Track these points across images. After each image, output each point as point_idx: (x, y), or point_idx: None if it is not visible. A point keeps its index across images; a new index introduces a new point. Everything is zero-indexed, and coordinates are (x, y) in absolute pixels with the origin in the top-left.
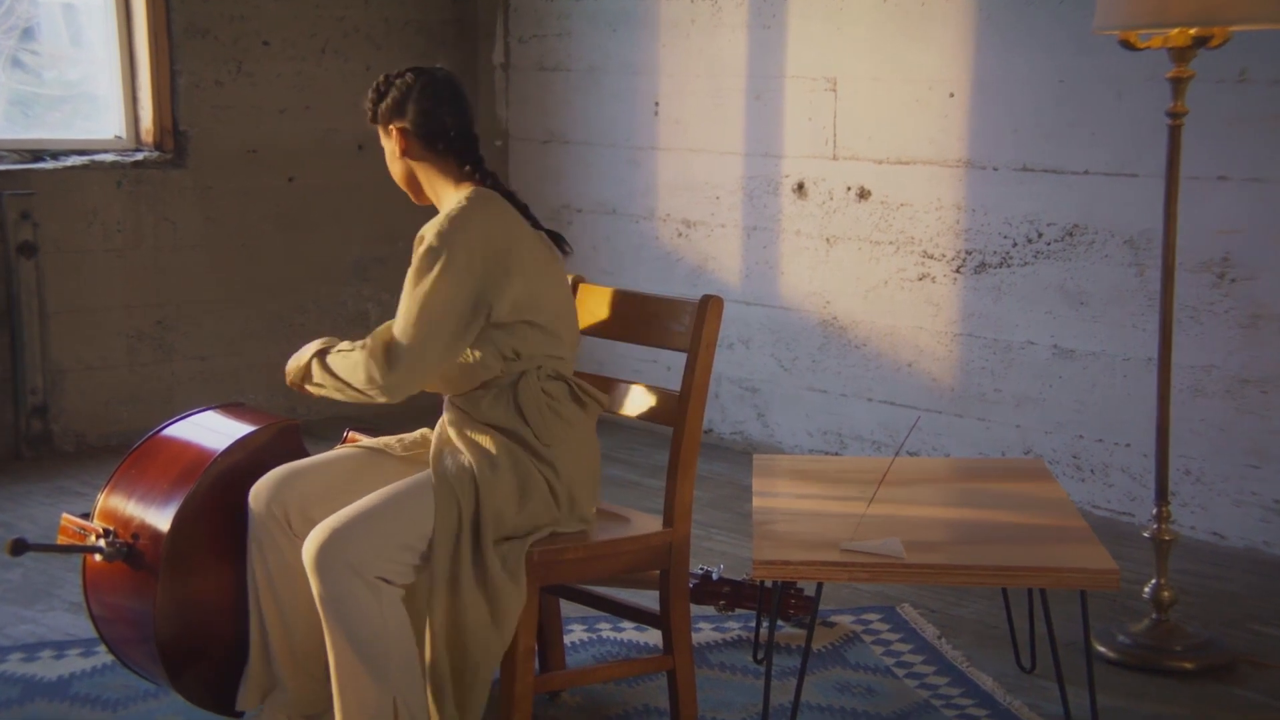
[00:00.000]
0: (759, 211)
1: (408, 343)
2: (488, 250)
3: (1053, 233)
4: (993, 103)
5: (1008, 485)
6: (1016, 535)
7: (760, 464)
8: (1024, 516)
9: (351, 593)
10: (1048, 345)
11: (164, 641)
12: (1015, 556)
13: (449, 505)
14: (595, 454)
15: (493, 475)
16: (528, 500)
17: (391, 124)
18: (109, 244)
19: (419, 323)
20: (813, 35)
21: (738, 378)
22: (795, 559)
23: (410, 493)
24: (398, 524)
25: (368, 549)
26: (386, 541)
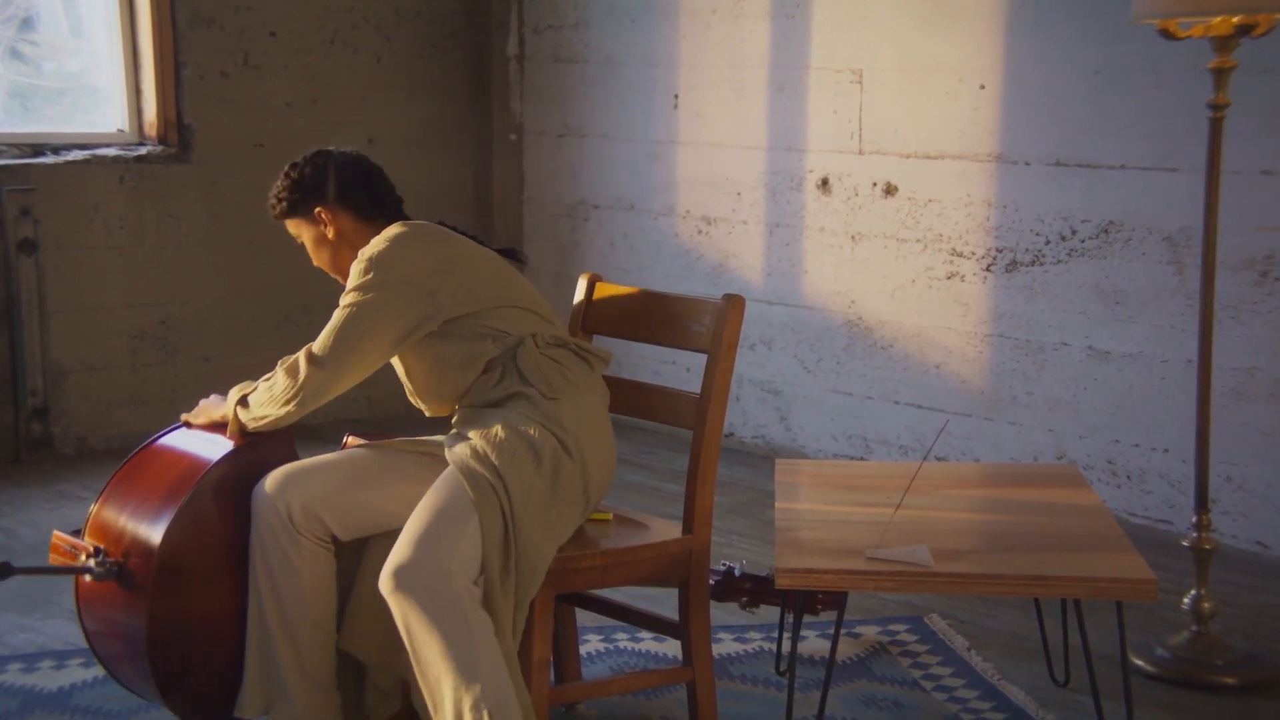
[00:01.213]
0: (782, 208)
1: (328, 354)
2: (430, 260)
3: (1087, 230)
4: (1025, 95)
5: (1040, 491)
6: (1050, 543)
7: (783, 469)
8: (1057, 524)
9: (440, 612)
10: (1082, 347)
11: (156, 659)
12: (1048, 565)
13: (488, 501)
14: (604, 412)
15: (502, 447)
16: (541, 455)
17: (315, 208)
18: (111, 241)
19: (342, 337)
20: (838, 25)
21: (760, 380)
22: (819, 567)
23: (451, 500)
24: (456, 531)
25: (444, 563)
26: (451, 552)
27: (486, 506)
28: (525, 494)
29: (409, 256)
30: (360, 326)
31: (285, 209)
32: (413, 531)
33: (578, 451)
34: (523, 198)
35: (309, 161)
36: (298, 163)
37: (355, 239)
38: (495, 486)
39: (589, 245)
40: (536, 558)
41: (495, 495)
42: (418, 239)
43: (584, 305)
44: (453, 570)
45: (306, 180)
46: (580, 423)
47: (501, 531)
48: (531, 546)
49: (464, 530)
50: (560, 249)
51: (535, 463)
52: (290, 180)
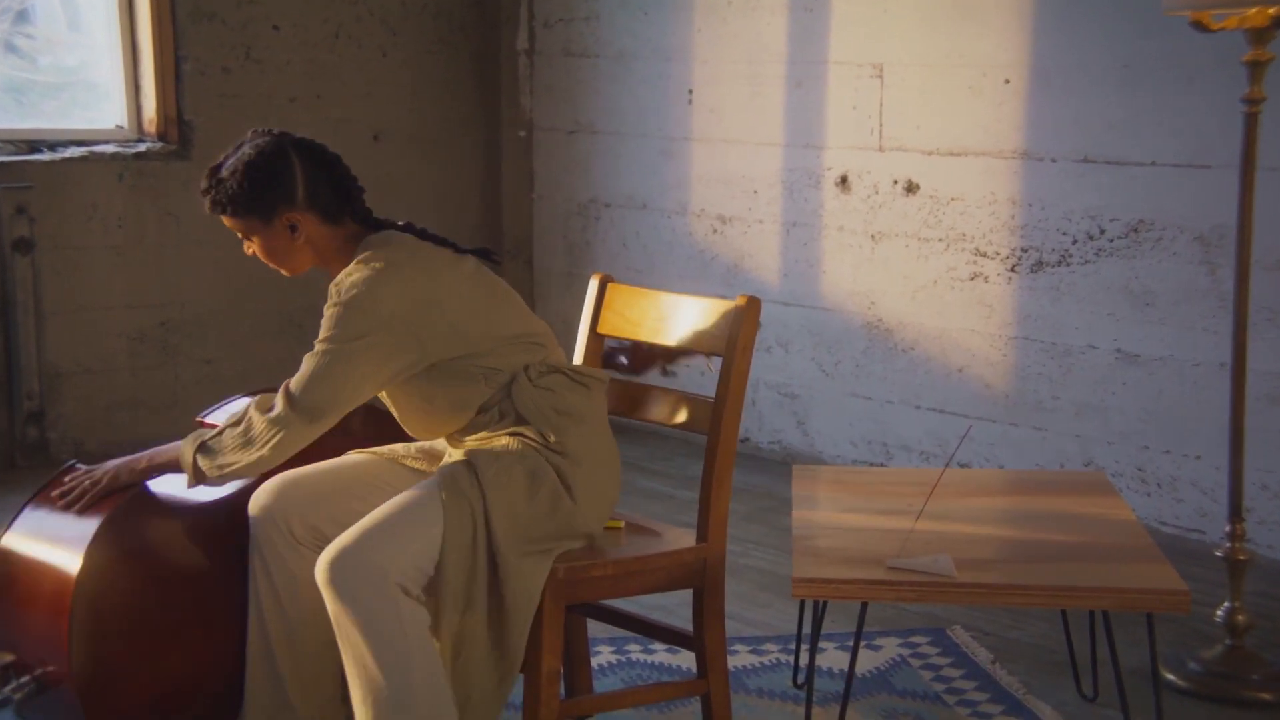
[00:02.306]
0: (799, 206)
1: (310, 400)
2: (410, 301)
3: (1116, 229)
4: (1051, 90)
5: (1067, 499)
6: (1077, 553)
7: (800, 475)
8: (1085, 533)
9: (372, 608)
10: (1110, 349)
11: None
12: (1076, 576)
13: (459, 506)
14: (609, 439)
15: (496, 464)
16: (538, 489)
17: (280, 212)
18: (109, 240)
19: (323, 384)
20: (858, 18)
21: (776, 383)
22: (837, 577)
23: (420, 499)
24: (411, 531)
25: (383, 558)
26: (402, 549)
27: (455, 514)
28: (510, 518)
29: (388, 297)
30: (342, 373)
31: (236, 208)
32: (364, 522)
33: (580, 489)
34: (532, 196)
35: (265, 153)
36: (252, 157)
37: (320, 243)
38: (472, 498)
39: (600, 245)
40: (529, 584)
41: (469, 505)
42: (395, 276)
43: (595, 307)
44: (389, 571)
45: (269, 178)
46: (584, 453)
47: (469, 545)
48: (521, 575)
49: (421, 533)
50: (571, 248)
51: (529, 490)
52: (248, 177)
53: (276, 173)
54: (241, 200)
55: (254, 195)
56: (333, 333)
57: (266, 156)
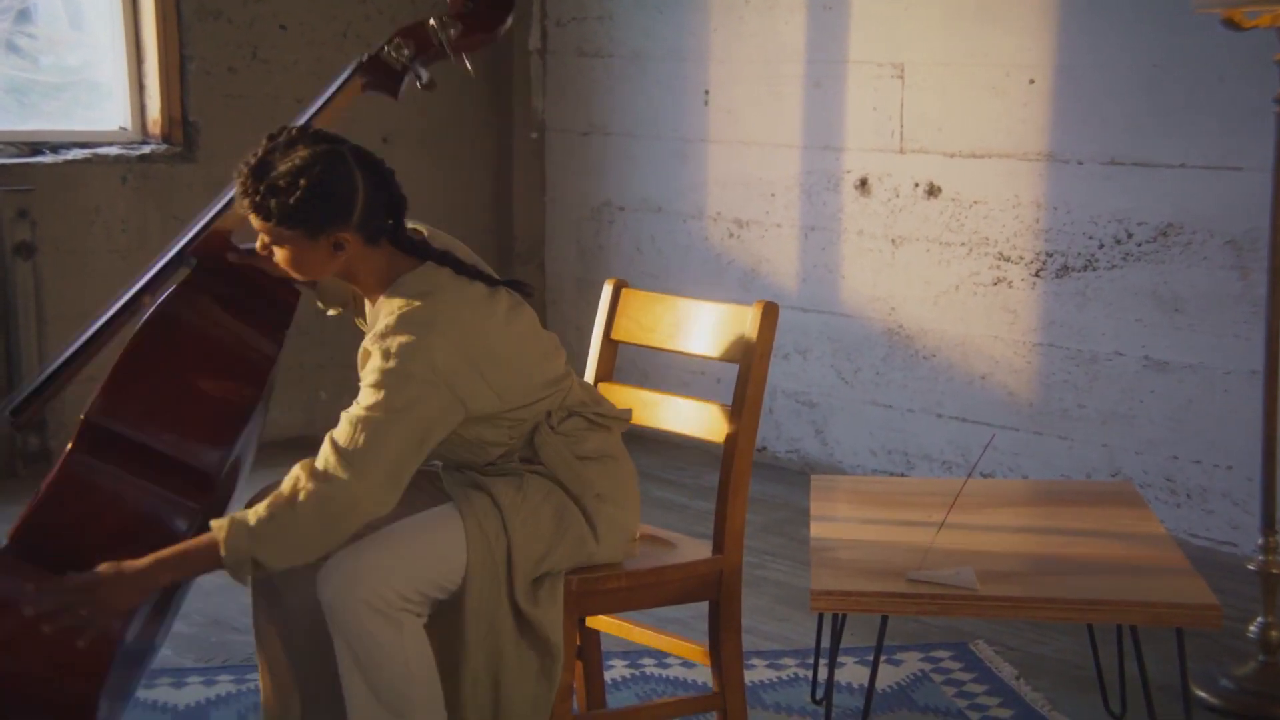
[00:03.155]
0: (818, 210)
1: (370, 476)
2: (459, 360)
3: (1144, 232)
4: (1077, 90)
5: (1094, 511)
6: (1104, 566)
7: (819, 485)
8: (1112, 545)
9: (370, 630)
10: (1138, 357)
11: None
12: (1103, 589)
13: (481, 541)
14: (631, 473)
15: (522, 504)
16: (564, 533)
17: (332, 233)
18: (112, 244)
19: (379, 455)
20: (878, 16)
21: (794, 391)
22: (857, 589)
23: (436, 524)
24: (424, 557)
25: (389, 578)
26: (411, 571)
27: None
28: (532, 561)
29: (439, 361)
30: (399, 441)
31: (284, 220)
32: (376, 541)
33: (604, 526)
34: (544, 199)
35: (329, 166)
36: (314, 168)
37: (357, 264)
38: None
39: (614, 249)
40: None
41: (489, 541)
42: (444, 336)
43: (609, 313)
44: (395, 595)
45: (329, 195)
46: (608, 490)
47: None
48: (546, 626)
49: (434, 559)
50: (584, 253)
51: (556, 531)
52: (308, 191)
53: (338, 191)
54: (295, 215)
55: (310, 211)
56: (383, 398)
57: (330, 170)
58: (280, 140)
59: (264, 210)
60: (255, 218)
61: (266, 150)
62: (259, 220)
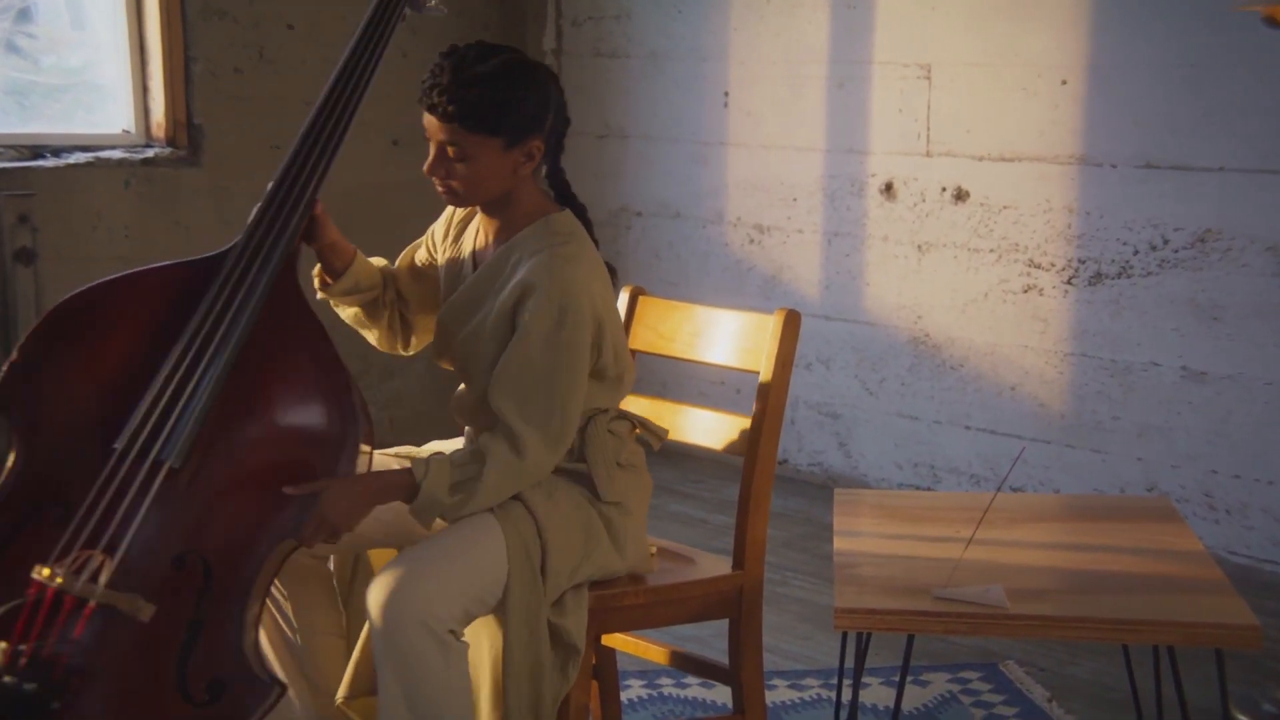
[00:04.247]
0: (841, 215)
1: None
2: (595, 311)
3: (1181, 238)
4: (1112, 90)
5: (1129, 527)
6: (1140, 584)
7: (842, 499)
8: (1148, 563)
9: (420, 651)
10: (1175, 367)
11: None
12: (1138, 608)
13: (520, 549)
14: (649, 492)
15: (554, 512)
16: (592, 547)
17: (529, 141)
18: (115, 250)
19: (561, 397)
20: (905, 15)
21: (817, 402)
22: (882, 607)
23: (478, 536)
24: (471, 573)
25: (442, 600)
26: (462, 591)
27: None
28: (564, 573)
29: (597, 291)
30: (575, 383)
31: (483, 122)
32: (422, 558)
33: (628, 540)
34: None
35: (534, 69)
36: (511, 64)
37: (523, 187)
38: (528, 539)
39: (631, 255)
40: (577, 638)
41: (526, 547)
42: (598, 281)
43: (626, 321)
44: (443, 616)
45: (539, 99)
46: (634, 503)
47: (531, 580)
48: (573, 634)
49: (477, 574)
50: None
51: (584, 546)
52: (517, 91)
53: (539, 95)
54: (500, 116)
55: (515, 112)
56: (563, 336)
57: (533, 73)
58: (465, 51)
59: (466, 109)
60: (449, 125)
61: (459, 56)
62: (455, 126)
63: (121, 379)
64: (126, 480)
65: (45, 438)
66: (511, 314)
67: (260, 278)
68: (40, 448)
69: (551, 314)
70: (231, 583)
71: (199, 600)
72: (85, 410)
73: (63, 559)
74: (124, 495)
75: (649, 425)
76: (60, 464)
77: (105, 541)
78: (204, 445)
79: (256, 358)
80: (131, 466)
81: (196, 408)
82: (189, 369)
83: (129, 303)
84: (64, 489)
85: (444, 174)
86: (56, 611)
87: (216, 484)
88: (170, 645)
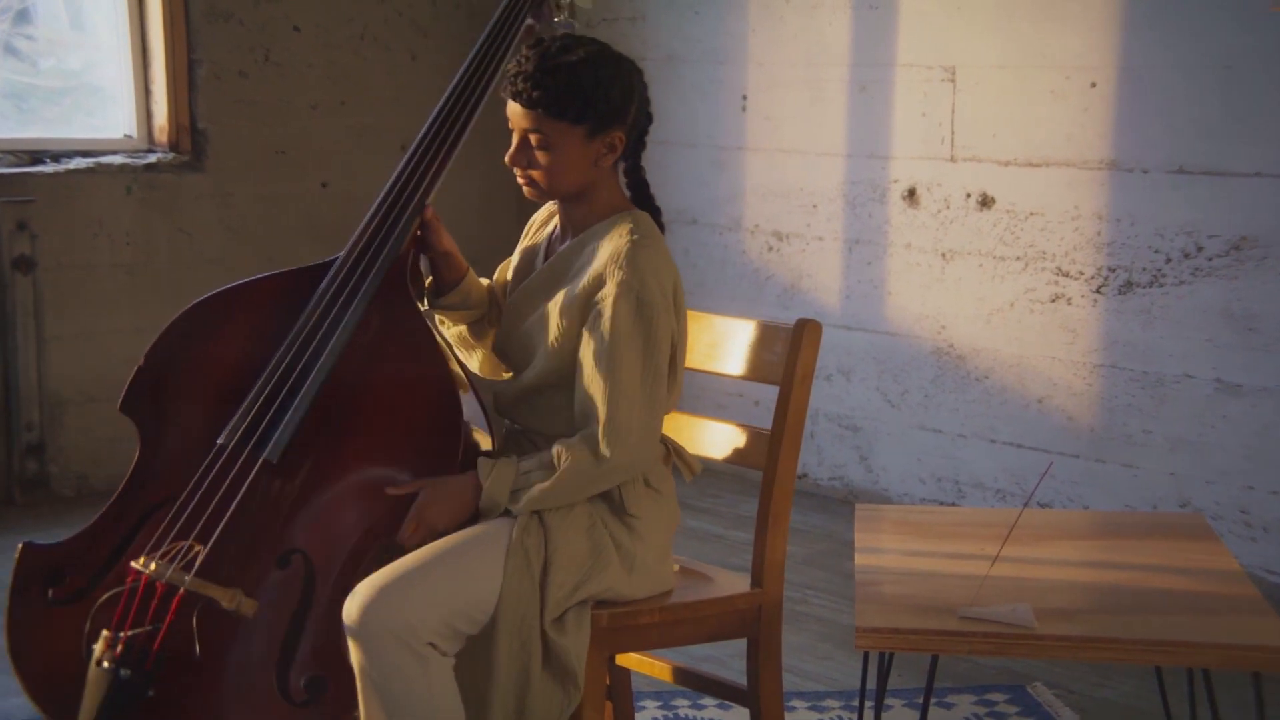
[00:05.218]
0: (863, 222)
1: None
2: (671, 306)
3: (1215, 246)
4: (1143, 93)
5: (1161, 544)
6: (1173, 604)
7: (863, 515)
8: (1182, 581)
9: (396, 664)
10: (1209, 379)
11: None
12: (1172, 629)
13: (520, 555)
14: (674, 521)
15: (567, 525)
16: (598, 568)
17: (612, 131)
18: (116, 258)
19: (644, 397)
20: (928, 16)
21: (837, 415)
22: (905, 626)
23: (478, 547)
24: (459, 583)
25: (420, 612)
26: (444, 605)
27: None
28: (565, 590)
29: (671, 281)
30: (659, 398)
31: (570, 108)
32: (413, 566)
33: (638, 564)
34: None
35: (615, 58)
36: (598, 54)
37: (601, 180)
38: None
39: None
40: (575, 660)
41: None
42: (672, 271)
43: None
44: (424, 629)
45: (616, 88)
46: (652, 530)
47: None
48: (571, 654)
49: (471, 588)
50: None
51: (592, 566)
52: (605, 79)
53: (623, 86)
54: (585, 105)
55: (599, 102)
56: (643, 328)
57: (618, 64)
58: (551, 41)
59: (552, 97)
60: (533, 112)
61: (545, 45)
62: (538, 113)
63: (235, 381)
64: (223, 473)
65: (166, 439)
66: (584, 304)
67: (364, 282)
68: (161, 448)
69: (630, 304)
70: (333, 581)
71: (302, 598)
72: (202, 412)
73: (159, 549)
74: (219, 487)
75: (684, 454)
76: (178, 463)
77: (198, 532)
78: (305, 443)
79: (362, 360)
80: (229, 460)
81: (297, 406)
82: (288, 369)
83: (245, 309)
84: (180, 486)
85: (525, 164)
86: (152, 599)
87: (317, 482)
88: (273, 642)
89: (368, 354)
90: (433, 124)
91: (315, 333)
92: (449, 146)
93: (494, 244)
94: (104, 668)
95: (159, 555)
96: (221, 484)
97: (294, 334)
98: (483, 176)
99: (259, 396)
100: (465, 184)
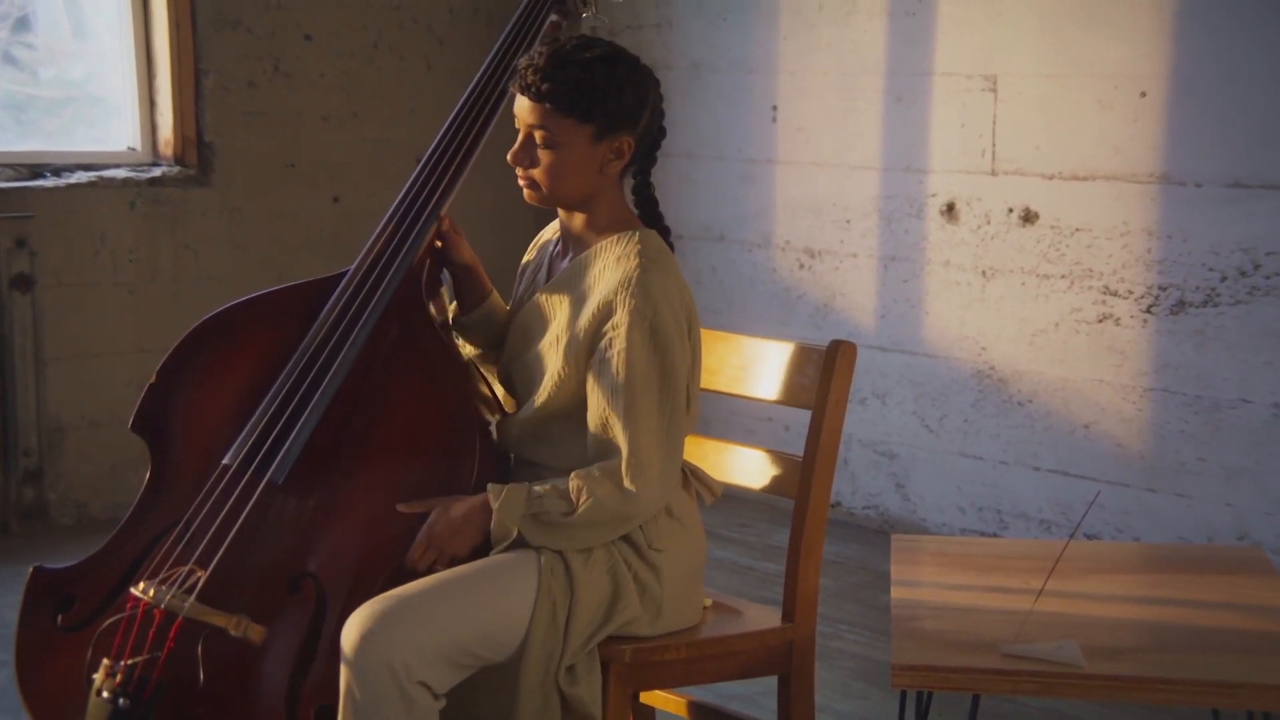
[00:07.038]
0: (899, 238)
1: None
2: (687, 330)
3: (1273, 264)
4: (1196, 103)
5: (1217, 579)
6: (1230, 642)
7: (900, 546)
8: (1240, 618)
9: (382, 697)
10: (1268, 404)
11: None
12: (1230, 669)
13: (547, 604)
14: (702, 553)
15: (589, 568)
16: (616, 613)
17: (620, 137)
18: (119, 276)
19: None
20: (968, 23)
21: (873, 440)
22: (944, 664)
23: (503, 581)
24: (466, 622)
25: (419, 650)
26: (447, 643)
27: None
28: (585, 633)
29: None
30: (677, 433)
31: (578, 105)
32: (423, 593)
33: (665, 604)
34: None
35: (631, 61)
36: (614, 54)
37: (606, 187)
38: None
39: None
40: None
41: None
42: (684, 293)
43: None
44: (418, 666)
45: (629, 89)
46: (676, 569)
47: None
48: (586, 702)
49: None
50: None
51: (611, 610)
52: (616, 78)
53: (637, 88)
54: (595, 103)
55: (610, 101)
56: (658, 357)
57: (635, 66)
58: (567, 39)
59: (561, 91)
60: (540, 106)
61: (560, 43)
62: (545, 108)
63: (248, 398)
64: (226, 495)
65: (178, 459)
66: (592, 333)
67: (375, 295)
68: (173, 469)
69: (644, 335)
70: (343, 605)
71: (312, 624)
72: (214, 431)
73: (158, 574)
74: (221, 509)
75: (701, 475)
76: (190, 483)
77: (199, 556)
78: (314, 463)
79: (374, 376)
80: (233, 481)
81: (303, 425)
82: (295, 385)
83: (256, 325)
84: (187, 507)
85: (527, 163)
86: (150, 626)
87: (328, 504)
88: (282, 669)
89: (380, 370)
90: (450, 127)
91: (324, 348)
92: (467, 150)
93: (509, 263)
94: (103, 697)
95: (158, 580)
96: (224, 506)
97: (302, 349)
98: (497, 189)
99: (264, 415)
100: (479, 196)
